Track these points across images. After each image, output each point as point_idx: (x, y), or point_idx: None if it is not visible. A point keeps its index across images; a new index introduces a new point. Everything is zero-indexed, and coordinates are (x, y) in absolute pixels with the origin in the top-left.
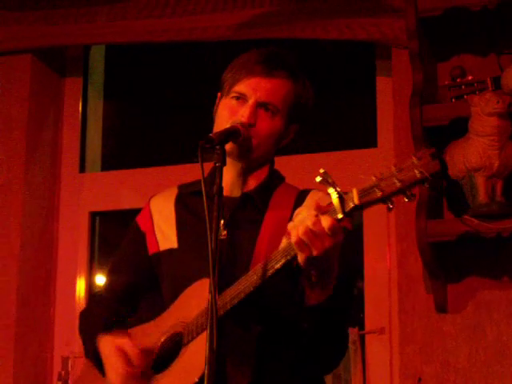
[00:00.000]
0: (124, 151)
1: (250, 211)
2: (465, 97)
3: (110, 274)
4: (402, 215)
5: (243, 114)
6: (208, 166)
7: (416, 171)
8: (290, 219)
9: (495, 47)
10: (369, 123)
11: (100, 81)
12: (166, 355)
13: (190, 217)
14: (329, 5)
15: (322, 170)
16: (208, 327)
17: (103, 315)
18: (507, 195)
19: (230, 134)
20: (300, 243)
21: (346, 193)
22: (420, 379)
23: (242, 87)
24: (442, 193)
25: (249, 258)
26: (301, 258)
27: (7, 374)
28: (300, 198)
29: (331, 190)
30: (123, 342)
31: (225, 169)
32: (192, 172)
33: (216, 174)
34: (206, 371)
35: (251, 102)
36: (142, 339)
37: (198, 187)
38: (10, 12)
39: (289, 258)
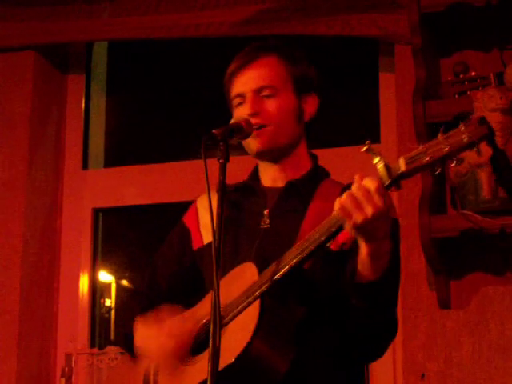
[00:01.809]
0: (127, 148)
1: (294, 201)
2: (468, 93)
3: (154, 269)
4: (405, 211)
5: (246, 108)
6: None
7: (463, 136)
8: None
9: (498, 43)
10: (372, 119)
11: (103, 77)
12: (204, 338)
13: (231, 210)
14: (331, 1)
15: (367, 141)
16: (211, 323)
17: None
18: (510, 191)
19: (233, 129)
20: (344, 209)
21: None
22: (423, 375)
23: (235, 90)
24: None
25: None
26: (348, 225)
27: (11, 370)
28: (344, 190)
29: (377, 159)
30: (166, 318)
31: (261, 161)
32: (195, 168)
33: (219, 171)
34: (209, 367)
35: (248, 94)
36: (180, 325)
37: (241, 184)
38: (12, 9)
39: (333, 229)
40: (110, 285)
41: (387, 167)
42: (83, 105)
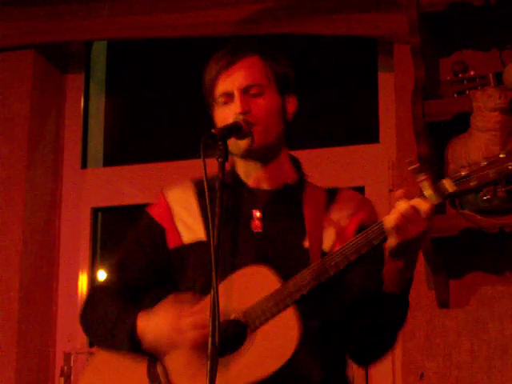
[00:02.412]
0: (126, 147)
1: (288, 204)
2: (467, 92)
3: (121, 267)
4: None
5: (236, 107)
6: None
7: (508, 164)
8: (326, 215)
9: (497, 42)
10: (371, 119)
11: (102, 77)
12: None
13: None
14: (331, 1)
15: (414, 164)
16: (210, 324)
17: (119, 300)
18: (509, 191)
19: (232, 128)
20: (396, 227)
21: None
22: (422, 374)
23: (220, 88)
24: None
25: (302, 250)
26: (394, 242)
27: (10, 369)
28: (330, 196)
29: (422, 177)
30: (178, 312)
31: (244, 161)
32: (194, 168)
33: (218, 170)
34: (208, 366)
35: (236, 93)
36: (203, 317)
37: (218, 182)
38: (12, 7)
39: (375, 243)
40: None
41: (436, 188)
42: (82, 104)
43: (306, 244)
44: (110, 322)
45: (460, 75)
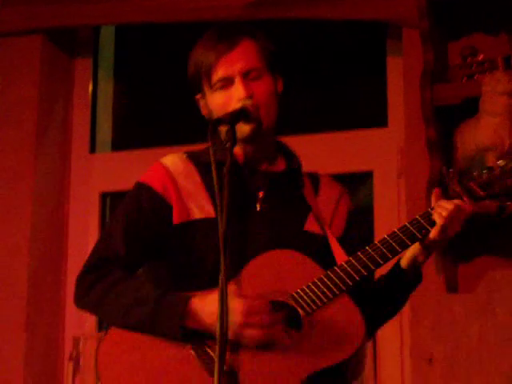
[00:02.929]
0: (134, 131)
1: (290, 186)
2: (476, 76)
3: (125, 237)
4: (413, 193)
5: (239, 92)
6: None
7: None
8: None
9: (506, 27)
10: (379, 103)
11: (110, 61)
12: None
13: (221, 188)
14: None
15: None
16: (219, 313)
17: (137, 278)
18: None
19: (240, 113)
20: (445, 223)
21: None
22: (431, 359)
23: (220, 72)
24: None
25: (303, 232)
26: (439, 236)
27: (19, 354)
28: (313, 180)
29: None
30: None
31: (244, 144)
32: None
33: (226, 154)
34: (216, 358)
35: (237, 77)
36: (258, 302)
37: (216, 158)
38: None
39: (419, 236)
40: None
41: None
42: (90, 89)
43: (307, 227)
44: (141, 302)
45: (469, 59)
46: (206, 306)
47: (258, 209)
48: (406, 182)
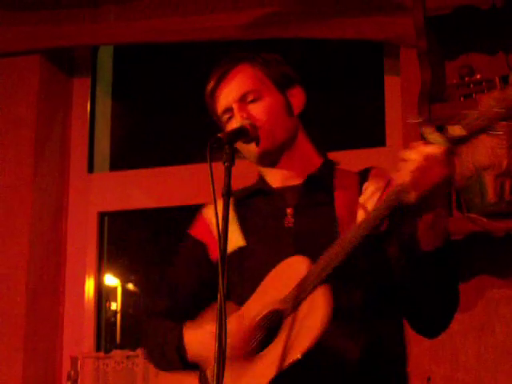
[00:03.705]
0: (132, 151)
1: (317, 193)
2: (473, 95)
3: (170, 291)
4: None
5: (236, 118)
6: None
7: None
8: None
9: (504, 46)
10: (377, 122)
11: (108, 81)
12: (266, 333)
13: (252, 215)
14: (337, 5)
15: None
16: (217, 326)
17: (168, 322)
18: None
19: (238, 132)
20: (413, 179)
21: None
22: (429, 378)
23: (220, 106)
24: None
25: (336, 237)
26: (415, 196)
27: (17, 373)
28: (363, 177)
29: (430, 129)
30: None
31: (263, 166)
32: (201, 172)
33: (225, 174)
34: (214, 369)
35: (234, 105)
36: (238, 322)
37: (251, 190)
38: (18, 13)
39: (395, 203)
40: (115, 288)
41: (445, 134)
42: (89, 108)
43: (339, 230)
44: (160, 341)
45: (466, 79)
46: (195, 331)
47: (286, 225)
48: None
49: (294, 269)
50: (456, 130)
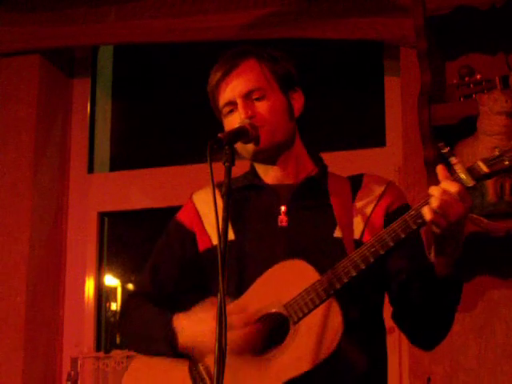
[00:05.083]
0: (132, 151)
1: (313, 196)
2: (473, 96)
3: (153, 273)
4: None
5: (240, 114)
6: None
7: None
8: (353, 203)
9: (504, 46)
10: (377, 122)
11: (108, 81)
12: (267, 335)
13: (243, 209)
14: (337, 5)
15: (445, 148)
16: (217, 324)
17: (153, 305)
18: None
19: (238, 133)
20: (436, 215)
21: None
22: (429, 379)
23: (223, 99)
24: None
25: (333, 240)
26: (437, 229)
27: (17, 374)
28: (354, 183)
29: (455, 161)
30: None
31: (259, 163)
32: (201, 172)
33: (225, 174)
34: (215, 368)
35: (238, 100)
36: (240, 316)
37: (244, 182)
38: (18, 13)
39: (414, 227)
40: (115, 289)
41: (469, 170)
42: (89, 109)
43: (337, 234)
44: (145, 326)
45: (466, 79)
46: (188, 321)
47: (279, 224)
48: None
49: (296, 274)
50: (483, 167)
